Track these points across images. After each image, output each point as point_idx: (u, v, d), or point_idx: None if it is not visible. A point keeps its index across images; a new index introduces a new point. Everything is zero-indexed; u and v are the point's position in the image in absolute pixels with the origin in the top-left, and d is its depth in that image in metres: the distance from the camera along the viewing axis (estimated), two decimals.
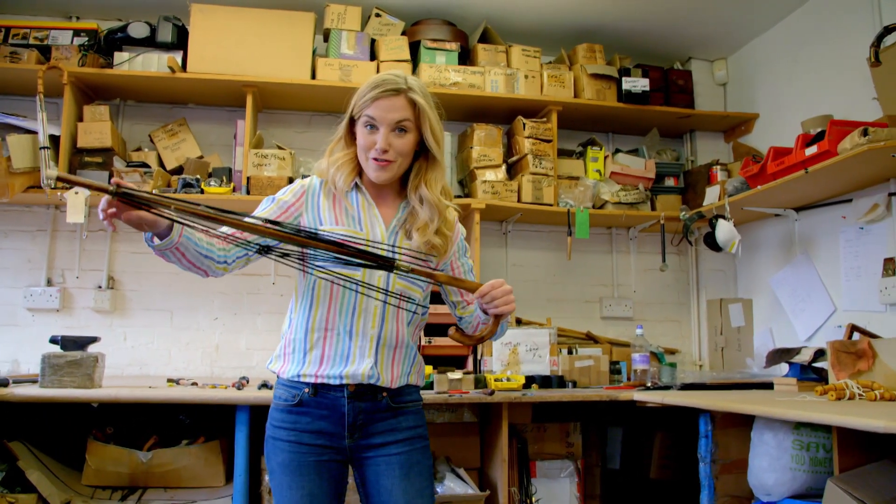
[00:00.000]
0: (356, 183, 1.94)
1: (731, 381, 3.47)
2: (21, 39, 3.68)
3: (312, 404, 1.85)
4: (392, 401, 1.89)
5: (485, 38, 4.05)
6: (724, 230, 3.65)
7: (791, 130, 3.47)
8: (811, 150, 3.09)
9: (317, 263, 1.74)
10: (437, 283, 1.85)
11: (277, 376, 1.95)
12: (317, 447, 1.84)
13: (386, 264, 1.71)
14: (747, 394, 3.07)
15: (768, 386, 3.25)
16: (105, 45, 3.73)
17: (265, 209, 1.89)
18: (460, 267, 2.03)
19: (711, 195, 3.87)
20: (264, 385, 3.06)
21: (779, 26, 4.00)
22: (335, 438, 1.85)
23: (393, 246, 1.86)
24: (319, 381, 1.84)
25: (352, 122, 1.92)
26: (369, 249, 1.72)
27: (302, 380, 1.86)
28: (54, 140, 3.51)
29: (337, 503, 1.89)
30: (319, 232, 1.80)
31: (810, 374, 3.12)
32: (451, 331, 1.84)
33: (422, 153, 1.93)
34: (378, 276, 1.85)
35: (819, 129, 3.16)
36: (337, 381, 1.83)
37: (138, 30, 3.69)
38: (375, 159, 1.85)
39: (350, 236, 1.80)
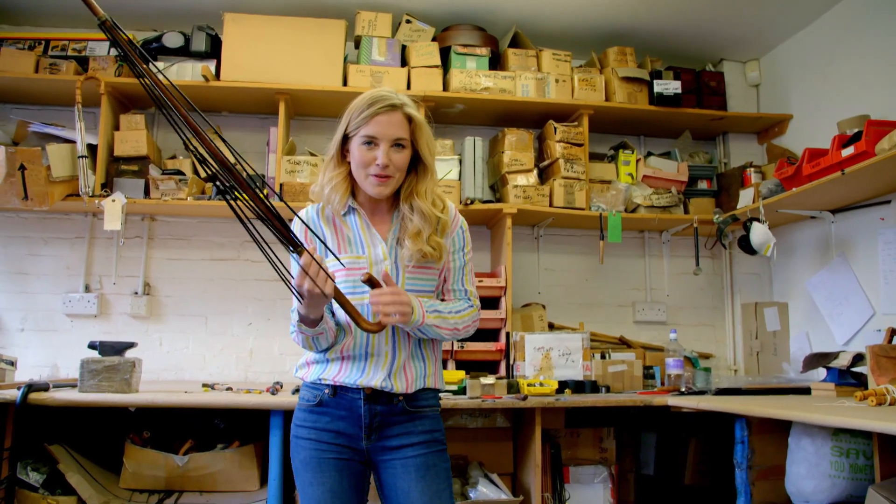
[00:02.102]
0: (351, 205, 1.97)
1: (767, 385, 3.42)
2: (60, 51, 3.76)
3: (332, 404, 1.90)
4: (408, 404, 1.92)
5: (515, 42, 4.05)
6: (758, 233, 3.61)
7: (826, 131, 3.42)
8: (848, 151, 3.04)
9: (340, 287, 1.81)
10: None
11: (303, 381, 2.00)
12: (336, 446, 1.89)
13: (292, 242, 1.73)
14: (784, 399, 3.03)
15: (805, 391, 3.21)
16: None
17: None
18: (450, 263, 2.01)
19: (745, 198, 3.83)
20: (297, 390, 3.07)
21: (812, 26, 3.95)
22: (353, 440, 1.89)
23: (396, 261, 1.92)
24: (338, 383, 1.89)
25: (344, 141, 1.95)
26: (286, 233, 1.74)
27: (322, 382, 1.92)
28: (92, 149, 3.58)
29: (358, 501, 1.92)
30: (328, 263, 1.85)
31: (849, 379, 3.07)
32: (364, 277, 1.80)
33: (413, 165, 1.97)
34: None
35: (856, 130, 3.11)
36: (354, 385, 1.88)
37: (173, 40, 3.75)
38: (376, 175, 1.88)
39: (353, 262, 1.90)
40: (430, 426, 1.95)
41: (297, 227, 1.92)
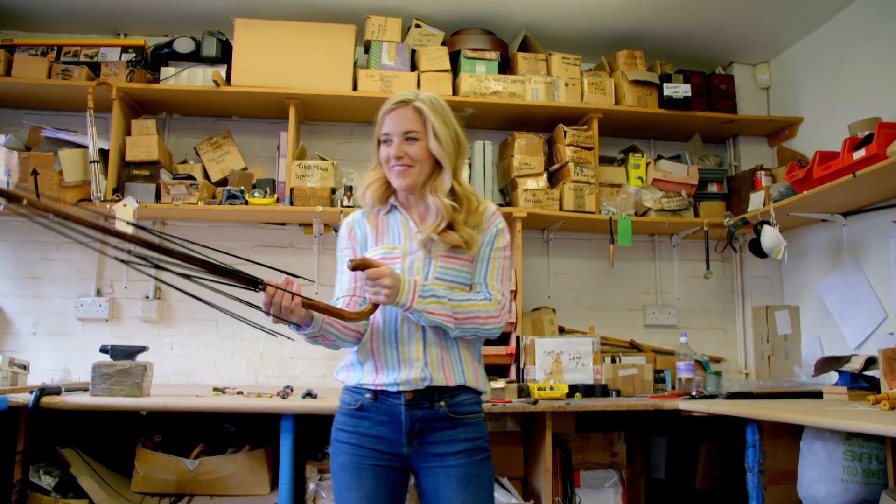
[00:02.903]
0: (393, 204, 2.05)
1: (778, 389, 3.41)
2: (72, 57, 3.79)
3: (373, 409, 1.91)
4: (450, 410, 1.91)
5: (524, 46, 4.05)
6: (769, 236, 3.60)
7: (837, 134, 3.40)
8: (859, 154, 3.03)
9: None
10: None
11: (344, 384, 2.02)
12: (376, 452, 1.90)
13: (251, 283, 1.83)
14: (796, 403, 3.02)
15: (817, 395, 3.19)
16: (152, 61, 3.82)
17: (341, 251, 2.10)
18: (478, 254, 2.02)
19: (756, 201, 3.82)
20: (308, 394, 3.08)
21: (823, 28, 3.93)
22: (394, 445, 1.90)
23: (430, 251, 1.96)
24: (378, 388, 1.91)
25: (379, 146, 2.04)
26: (235, 269, 1.83)
27: (363, 386, 1.93)
28: (103, 154, 3.60)
29: None
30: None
31: (861, 383, 3.05)
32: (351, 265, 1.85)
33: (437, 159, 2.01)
34: (417, 268, 1.94)
35: (867, 133, 3.10)
36: (394, 388, 1.89)
37: (184, 45, 3.77)
38: (395, 168, 1.97)
39: (386, 253, 1.97)
40: (472, 433, 1.94)
41: (342, 229, 2.10)
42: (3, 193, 1.52)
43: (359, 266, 1.82)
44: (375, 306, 1.87)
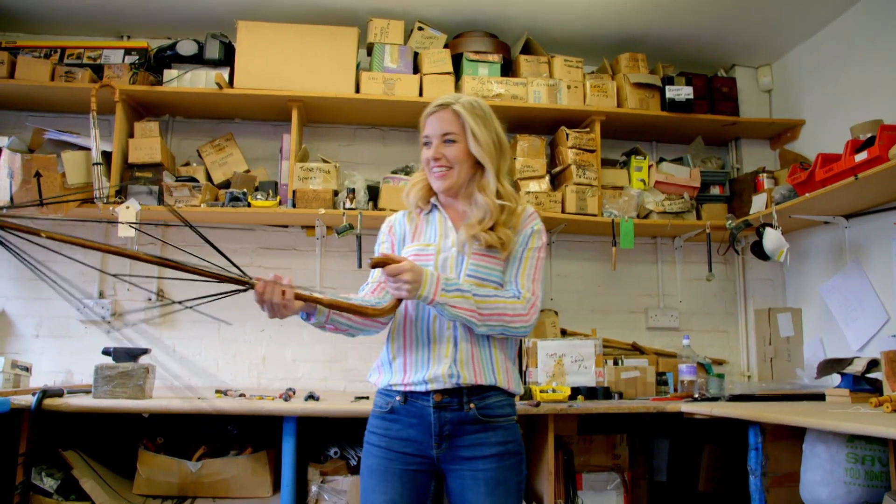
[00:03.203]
0: (434, 203, 2.10)
1: (780, 392, 3.41)
2: (75, 59, 3.80)
3: (403, 412, 1.94)
4: (480, 413, 1.91)
5: (527, 49, 4.05)
6: (771, 239, 3.60)
7: (839, 136, 3.40)
8: (861, 156, 3.03)
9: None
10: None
11: (376, 386, 2.05)
12: (405, 455, 1.92)
13: (242, 284, 1.84)
14: (798, 405, 3.02)
15: (820, 397, 3.20)
16: (155, 63, 3.82)
17: (379, 245, 2.16)
18: (512, 254, 2.04)
19: (758, 203, 3.82)
20: (310, 397, 3.08)
21: (824, 31, 3.93)
22: (423, 447, 1.91)
23: (464, 248, 1.99)
24: (408, 388, 1.92)
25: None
26: (227, 274, 1.84)
27: (393, 388, 1.95)
28: (106, 156, 3.61)
29: None
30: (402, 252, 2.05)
31: (864, 385, 3.05)
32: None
33: (480, 164, 2.05)
34: (450, 265, 1.97)
35: (869, 135, 3.10)
36: (423, 388, 1.90)
37: (187, 48, 3.78)
38: (433, 169, 2.02)
39: (420, 249, 2.02)
40: (504, 437, 1.94)
41: (384, 225, 2.18)
42: (20, 228, 1.61)
43: (379, 263, 1.84)
44: (399, 302, 1.89)
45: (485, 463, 1.89)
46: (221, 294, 1.80)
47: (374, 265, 1.85)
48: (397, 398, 1.94)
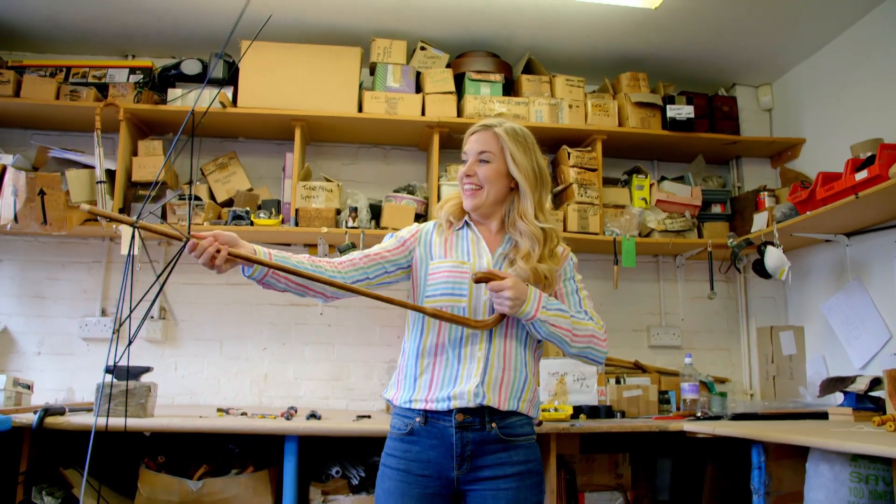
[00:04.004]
0: (466, 221, 2.09)
1: (783, 410, 3.40)
2: (80, 78, 3.82)
3: (423, 434, 1.90)
4: (501, 432, 1.90)
5: (528, 68, 4.08)
6: (773, 257, 3.60)
7: (839, 155, 3.42)
8: (861, 175, 3.04)
9: (427, 294, 1.97)
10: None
11: (393, 405, 2.02)
12: (424, 478, 1.88)
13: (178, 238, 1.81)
14: (801, 424, 3.01)
15: (823, 416, 3.18)
16: (159, 82, 3.85)
17: (387, 240, 2.10)
18: (562, 288, 2.06)
19: (759, 221, 3.82)
20: (312, 415, 3.08)
21: (824, 50, 3.96)
22: (444, 469, 1.88)
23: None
24: (429, 406, 1.89)
25: None
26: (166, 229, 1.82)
27: (413, 406, 1.92)
28: (110, 174, 3.63)
29: None
30: (431, 265, 2.02)
31: (867, 404, 3.04)
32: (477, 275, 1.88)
33: (515, 188, 2.05)
34: (484, 301, 1.93)
35: (869, 154, 3.11)
36: (445, 406, 1.87)
37: (191, 67, 3.80)
38: (465, 186, 2.03)
39: (455, 266, 1.98)
40: (524, 456, 1.93)
41: (410, 227, 2.13)
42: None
43: (482, 279, 1.85)
44: (503, 316, 1.88)
45: (506, 482, 1.87)
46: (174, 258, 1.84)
47: (478, 280, 1.86)
48: (417, 419, 1.91)
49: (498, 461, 1.88)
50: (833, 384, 3.23)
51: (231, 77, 3.81)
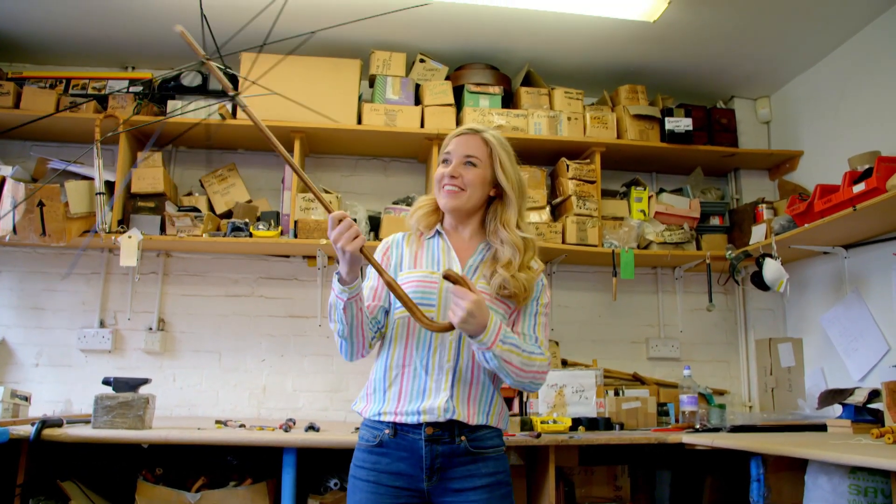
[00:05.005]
0: (438, 230, 2.06)
1: (782, 422, 3.40)
2: (80, 90, 3.84)
3: (392, 445, 1.89)
4: (471, 445, 1.89)
5: (527, 81, 4.09)
6: (771, 269, 3.61)
7: (837, 167, 3.43)
8: (859, 188, 3.05)
9: (397, 305, 1.94)
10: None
11: (362, 417, 2.00)
12: (394, 489, 1.87)
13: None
14: (800, 436, 3.01)
15: (821, 428, 3.18)
16: (159, 94, 3.86)
17: (368, 275, 2.06)
18: (524, 308, 1.99)
19: (758, 234, 3.83)
20: (311, 427, 3.07)
21: (822, 63, 3.98)
22: (414, 480, 1.87)
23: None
24: (398, 419, 1.88)
25: None
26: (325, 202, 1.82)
27: (382, 419, 1.91)
28: (109, 186, 3.63)
29: None
30: (401, 276, 1.99)
31: (865, 416, 3.04)
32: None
33: (496, 197, 2.03)
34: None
35: (866, 166, 3.12)
36: (414, 419, 1.86)
37: (190, 78, 3.82)
38: (446, 186, 1.98)
39: (425, 276, 1.95)
40: (494, 468, 1.92)
41: (381, 245, 2.12)
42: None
43: (451, 277, 1.76)
44: (451, 326, 1.78)
45: (476, 494, 1.86)
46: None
47: (447, 276, 1.77)
48: (386, 431, 1.89)
49: (468, 473, 1.88)
50: (832, 396, 3.23)
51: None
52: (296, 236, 3.65)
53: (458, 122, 3.90)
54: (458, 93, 3.97)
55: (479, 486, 1.87)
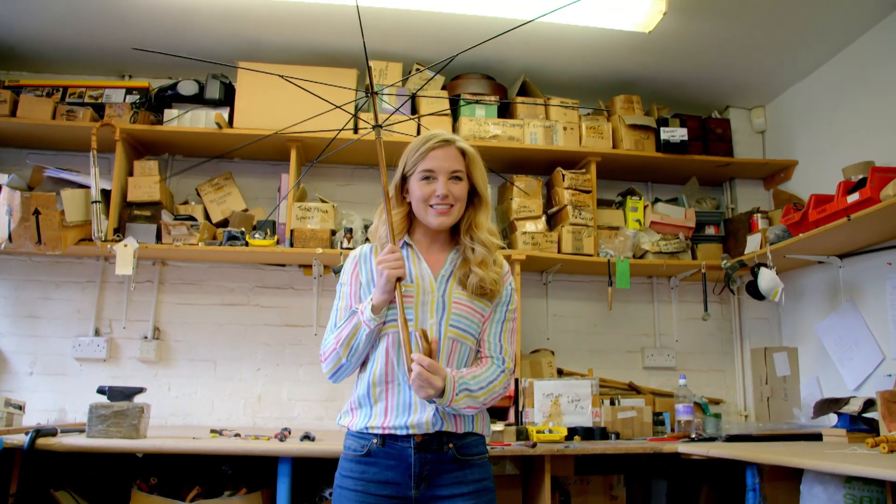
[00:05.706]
0: (406, 241, 2.05)
1: (777, 432, 3.40)
2: (77, 98, 3.84)
3: (381, 455, 1.89)
4: (458, 452, 1.90)
5: (524, 90, 4.11)
6: (766, 278, 3.62)
7: (832, 177, 3.44)
8: (853, 197, 3.06)
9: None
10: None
11: (347, 429, 1.99)
12: (382, 498, 1.87)
13: None
14: (795, 445, 3.01)
15: (817, 437, 3.18)
16: (155, 103, 3.87)
17: (340, 294, 2.04)
18: (493, 313, 2.01)
19: (753, 243, 3.84)
20: (306, 437, 3.06)
21: (817, 73, 4.00)
22: (401, 488, 1.87)
23: (443, 295, 1.95)
24: (387, 431, 1.88)
25: (403, 183, 2.06)
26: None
27: (370, 431, 1.91)
28: (106, 194, 3.63)
29: None
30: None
31: (860, 425, 3.04)
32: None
33: (470, 199, 2.05)
34: (430, 325, 1.91)
35: (861, 176, 3.14)
36: (403, 432, 1.87)
37: (187, 87, 3.82)
38: (438, 206, 1.97)
39: (404, 292, 1.91)
40: (479, 475, 1.94)
41: (348, 262, 2.07)
42: None
43: (425, 339, 1.83)
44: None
45: (463, 500, 1.88)
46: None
47: (423, 335, 1.83)
48: (374, 441, 1.89)
49: (454, 480, 1.89)
50: (827, 405, 3.23)
51: (227, 98, 3.83)
52: (292, 245, 3.65)
53: (455, 132, 3.90)
54: (455, 102, 3.98)
55: (466, 493, 1.89)
